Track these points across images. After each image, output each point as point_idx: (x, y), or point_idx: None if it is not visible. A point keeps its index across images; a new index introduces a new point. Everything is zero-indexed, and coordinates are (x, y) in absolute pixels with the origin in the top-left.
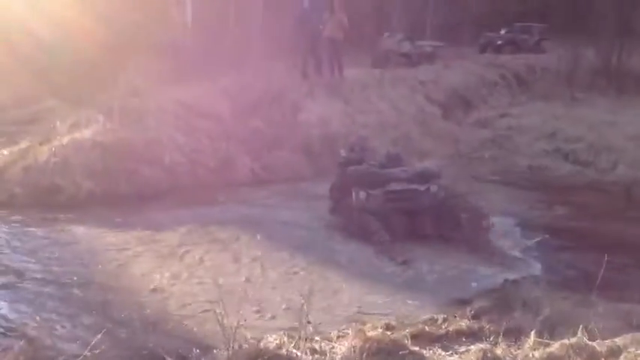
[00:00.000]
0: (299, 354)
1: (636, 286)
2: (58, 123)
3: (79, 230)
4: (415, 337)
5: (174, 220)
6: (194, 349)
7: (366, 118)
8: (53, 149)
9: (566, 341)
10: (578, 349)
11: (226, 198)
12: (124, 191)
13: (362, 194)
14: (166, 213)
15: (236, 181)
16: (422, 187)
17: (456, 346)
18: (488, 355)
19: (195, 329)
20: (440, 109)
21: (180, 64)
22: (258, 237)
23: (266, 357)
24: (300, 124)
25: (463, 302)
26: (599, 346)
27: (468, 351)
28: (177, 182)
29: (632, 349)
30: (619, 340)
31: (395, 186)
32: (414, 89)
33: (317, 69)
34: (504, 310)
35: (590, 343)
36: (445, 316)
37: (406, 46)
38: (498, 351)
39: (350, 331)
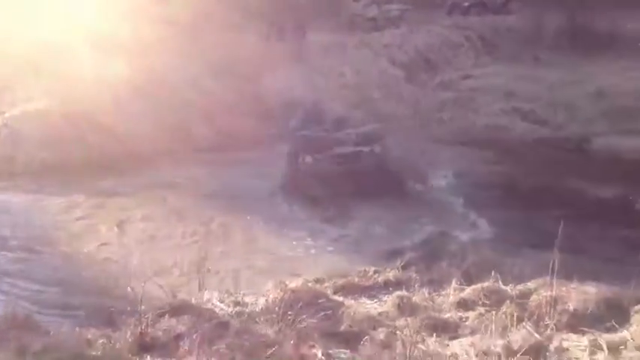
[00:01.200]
0: (223, 307)
1: (571, 237)
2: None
3: (29, 198)
4: (344, 289)
5: (125, 185)
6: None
7: (327, 82)
8: (5, 120)
9: (479, 286)
10: (489, 292)
11: (181, 164)
12: (79, 160)
13: (308, 158)
14: (118, 179)
15: (192, 148)
16: (366, 149)
17: (382, 296)
18: (405, 301)
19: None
20: (403, 72)
21: None
22: (209, 201)
23: (190, 310)
24: (260, 90)
25: (396, 255)
26: (511, 289)
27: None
28: (132, 149)
29: (541, 292)
30: (530, 284)
31: (340, 149)
32: (377, 53)
33: (279, 33)
34: (433, 260)
35: (502, 287)
36: (376, 268)
37: (373, 10)
38: (416, 297)
39: (272, 285)
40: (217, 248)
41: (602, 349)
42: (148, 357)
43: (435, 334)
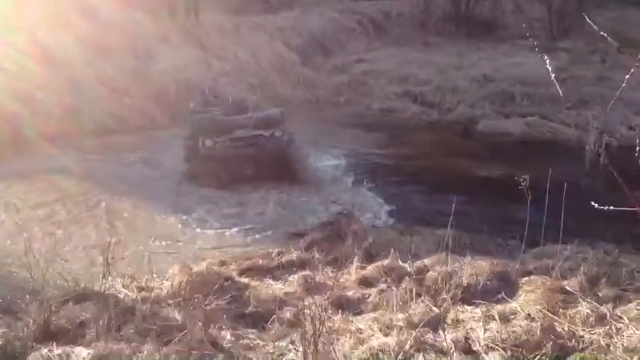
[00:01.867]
0: (127, 292)
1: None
2: None
3: None
4: (249, 270)
5: (14, 170)
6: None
7: (223, 64)
8: None
9: (379, 264)
10: (389, 269)
11: (71, 148)
12: None
13: (208, 142)
14: (6, 164)
15: (83, 131)
16: (266, 133)
17: (286, 276)
18: (309, 280)
19: (22, 276)
20: (299, 56)
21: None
22: (102, 186)
23: (94, 297)
24: (153, 71)
25: (298, 236)
26: (409, 266)
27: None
28: (19, 134)
29: (437, 267)
30: (427, 261)
31: (240, 133)
32: (272, 35)
33: (171, 12)
34: (335, 240)
35: (401, 264)
36: (279, 249)
37: None
38: (319, 277)
39: (177, 269)
40: (115, 233)
41: (494, 319)
42: (54, 344)
43: (340, 311)
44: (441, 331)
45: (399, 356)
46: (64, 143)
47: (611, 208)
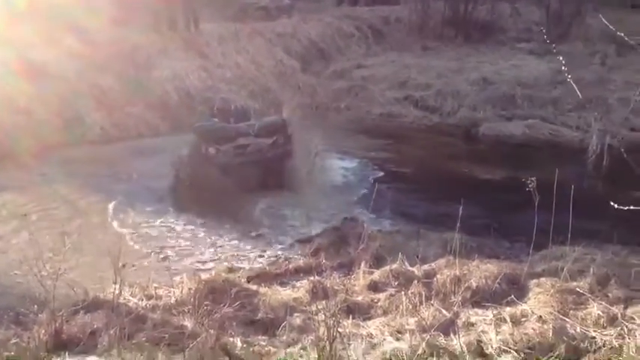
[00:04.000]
0: (136, 301)
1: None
2: None
3: None
4: (257, 277)
5: (16, 181)
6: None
7: (223, 72)
8: None
9: (387, 268)
10: (397, 273)
11: (74, 157)
12: None
13: (211, 150)
14: (8, 173)
15: (85, 140)
16: (269, 140)
17: (294, 282)
18: (318, 286)
19: (28, 286)
20: (298, 62)
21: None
22: (108, 195)
23: (104, 305)
24: (154, 79)
25: (304, 242)
26: (417, 270)
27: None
28: (20, 144)
29: (445, 271)
30: (435, 264)
31: (242, 140)
32: (272, 42)
33: (171, 24)
34: (341, 246)
35: (409, 268)
36: (286, 255)
37: None
38: (328, 282)
39: (185, 277)
40: (123, 243)
41: (506, 322)
42: (66, 354)
43: (350, 316)
44: (452, 335)
45: None
46: (66, 152)
47: (631, 207)
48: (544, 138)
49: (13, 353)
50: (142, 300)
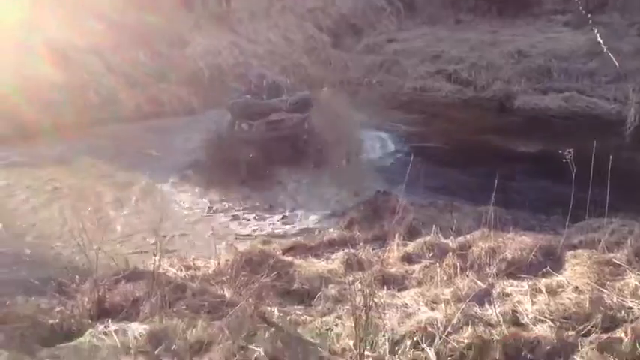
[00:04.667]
0: (175, 271)
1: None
2: None
3: None
4: (291, 249)
5: (53, 156)
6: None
7: (255, 48)
8: None
9: (421, 240)
10: (431, 245)
11: (108, 133)
12: (5, 131)
13: (244, 125)
14: (47, 149)
15: (121, 116)
16: (301, 115)
17: (328, 254)
18: (352, 258)
19: (68, 257)
20: (330, 37)
21: None
22: (141, 169)
23: (144, 275)
24: (187, 56)
25: (338, 216)
26: (452, 242)
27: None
28: (58, 120)
29: (480, 243)
30: (469, 237)
31: (275, 116)
32: (303, 18)
33: (203, 0)
34: (375, 219)
35: (443, 240)
36: (321, 228)
37: None
38: (362, 254)
39: (222, 249)
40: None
41: (541, 292)
42: (109, 321)
43: (385, 287)
44: (488, 305)
45: (448, 329)
46: (101, 129)
47: None
48: (581, 111)
49: (57, 320)
50: (181, 270)
